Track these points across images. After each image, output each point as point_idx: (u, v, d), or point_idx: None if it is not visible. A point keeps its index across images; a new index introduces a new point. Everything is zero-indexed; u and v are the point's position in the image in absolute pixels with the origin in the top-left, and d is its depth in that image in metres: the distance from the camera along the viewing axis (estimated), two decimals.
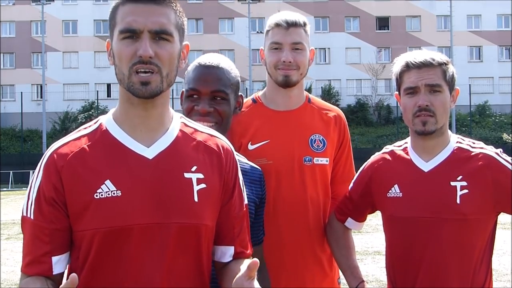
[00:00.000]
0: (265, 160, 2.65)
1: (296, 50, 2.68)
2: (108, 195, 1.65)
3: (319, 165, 2.73)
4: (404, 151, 2.45)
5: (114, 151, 1.70)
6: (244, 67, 45.37)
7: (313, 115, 2.81)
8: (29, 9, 50.32)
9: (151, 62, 1.65)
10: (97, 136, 1.73)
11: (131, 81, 1.67)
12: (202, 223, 1.72)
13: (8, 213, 17.64)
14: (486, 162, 2.30)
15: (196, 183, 1.72)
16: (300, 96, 2.82)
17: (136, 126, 1.73)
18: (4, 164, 38.13)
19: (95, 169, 1.68)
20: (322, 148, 2.75)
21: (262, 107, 2.79)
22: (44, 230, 1.68)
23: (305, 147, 2.73)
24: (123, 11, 1.69)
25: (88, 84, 51.34)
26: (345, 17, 53.45)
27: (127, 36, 1.67)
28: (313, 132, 2.76)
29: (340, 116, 2.88)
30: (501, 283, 7.55)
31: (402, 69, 2.35)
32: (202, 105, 2.18)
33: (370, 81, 51.28)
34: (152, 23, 1.66)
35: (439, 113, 2.29)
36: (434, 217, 2.27)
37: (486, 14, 52.79)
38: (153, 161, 1.70)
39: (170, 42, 1.70)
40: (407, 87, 2.32)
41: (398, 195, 2.37)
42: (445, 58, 2.35)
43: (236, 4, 49.46)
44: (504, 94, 51.44)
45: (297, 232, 2.68)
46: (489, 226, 2.33)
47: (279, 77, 2.69)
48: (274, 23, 2.71)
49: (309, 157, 2.72)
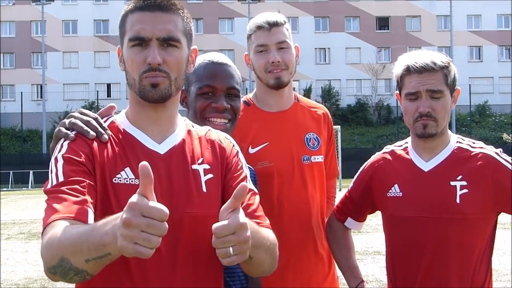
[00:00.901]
0: (267, 163, 2.67)
1: (282, 49, 2.69)
2: (126, 181, 1.70)
3: (316, 163, 2.77)
4: (405, 151, 2.45)
5: (129, 145, 1.77)
6: (244, 67, 45.18)
7: (304, 114, 2.84)
8: (29, 9, 50.33)
9: (160, 69, 1.72)
10: (112, 131, 1.79)
11: (142, 84, 1.73)
12: (211, 213, 1.73)
13: (8, 213, 17.65)
14: (486, 161, 2.30)
15: (203, 173, 1.79)
16: (290, 95, 2.84)
17: (147, 126, 1.80)
18: (4, 164, 38.12)
19: (114, 156, 1.73)
20: (317, 146, 2.79)
21: (256, 109, 2.80)
22: (80, 183, 1.63)
23: (302, 146, 2.75)
24: (132, 19, 1.76)
25: (88, 84, 51.35)
26: (345, 17, 53.44)
27: (136, 43, 1.73)
28: (307, 131, 2.80)
29: (327, 114, 2.94)
30: (501, 283, 7.55)
31: (403, 73, 2.33)
32: (220, 101, 2.19)
33: (370, 81, 51.30)
34: (159, 30, 1.72)
35: (441, 117, 2.29)
36: (434, 216, 2.27)
37: (486, 14, 52.80)
38: (164, 156, 1.77)
39: (178, 48, 1.76)
40: (408, 92, 2.31)
41: (398, 195, 2.37)
42: (446, 60, 2.32)
43: (236, 4, 49.46)
44: (504, 94, 51.45)
45: (301, 231, 2.70)
46: (489, 226, 2.33)
47: (270, 80, 2.70)
48: (255, 26, 2.70)
49: (307, 156, 2.75)
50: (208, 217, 1.71)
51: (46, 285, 7.91)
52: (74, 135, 1.74)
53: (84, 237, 1.44)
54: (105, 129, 1.78)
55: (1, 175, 35.62)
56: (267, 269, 1.82)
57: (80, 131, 1.75)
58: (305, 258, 2.72)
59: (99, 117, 1.81)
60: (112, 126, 1.81)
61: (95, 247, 1.42)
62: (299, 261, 2.70)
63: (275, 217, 2.52)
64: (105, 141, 1.75)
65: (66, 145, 1.72)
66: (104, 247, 1.41)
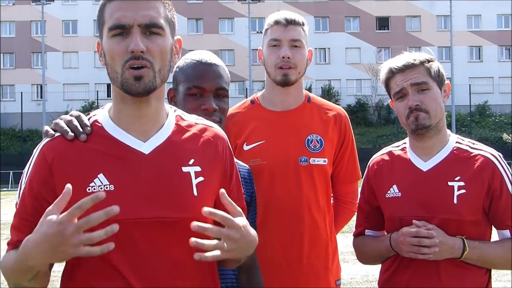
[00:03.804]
0: (259, 161, 2.66)
1: (295, 47, 2.68)
2: (100, 189, 1.62)
3: (316, 165, 2.71)
4: (403, 151, 2.44)
5: (109, 146, 1.68)
6: (244, 67, 45.37)
7: (312, 115, 2.80)
8: (29, 9, 50.30)
9: (143, 58, 1.62)
10: (91, 132, 1.71)
11: (125, 77, 1.64)
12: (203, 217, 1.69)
13: (8, 213, 17.63)
14: (484, 164, 2.29)
15: (194, 176, 1.70)
16: (298, 95, 2.82)
17: (131, 124, 1.71)
18: (4, 164, 38.08)
19: (87, 163, 1.65)
20: (320, 149, 2.74)
21: (259, 108, 2.80)
22: (24, 222, 1.68)
23: (301, 147, 2.72)
24: (110, 8, 1.66)
25: (88, 84, 51.34)
26: (345, 17, 53.42)
27: (117, 33, 1.64)
28: (310, 132, 2.75)
29: (340, 115, 2.85)
30: (501, 283, 7.55)
31: (387, 76, 2.36)
32: (208, 103, 2.17)
33: (370, 81, 51.24)
34: (141, 16, 1.63)
35: (432, 109, 2.28)
36: (431, 216, 2.26)
37: (486, 14, 52.76)
38: (150, 156, 1.68)
39: (162, 36, 1.67)
40: (395, 92, 2.33)
41: (397, 195, 2.36)
42: (428, 56, 2.34)
43: (236, 4, 49.41)
44: (504, 94, 51.41)
45: (289, 232, 2.66)
46: (486, 226, 2.33)
47: (277, 76, 2.70)
48: (273, 21, 2.72)
49: (305, 158, 2.71)
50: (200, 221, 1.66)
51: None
52: (53, 133, 1.73)
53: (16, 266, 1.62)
54: (85, 126, 1.71)
55: (1, 175, 35.60)
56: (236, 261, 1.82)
57: (60, 131, 1.72)
58: (292, 261, 2.67)
59: (82, 115, 1.76)
60: (94, 125, 1.73)
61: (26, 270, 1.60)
62: (286, 262, 2.66)
63: (261, 214, 2.50)
64: (84, 140, 1.68)
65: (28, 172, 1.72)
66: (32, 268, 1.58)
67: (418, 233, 2.17)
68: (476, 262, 2.25)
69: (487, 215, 2.31)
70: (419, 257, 2.19)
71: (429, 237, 2.16)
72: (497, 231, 2.34)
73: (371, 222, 2.51)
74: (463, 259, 2.22)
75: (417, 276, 2.28)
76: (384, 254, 2.40)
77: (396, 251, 2.30)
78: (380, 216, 2.47)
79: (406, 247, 2.20)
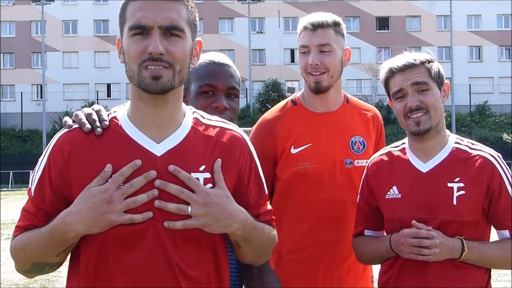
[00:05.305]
0: (307, 164, 2.63)
1: (323, 52, 2.64)
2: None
3: (359, 167, 2.68)
4: (402, 151, 2.44)
5: (123, 145, 1.68)
6: (244, 67, 45.31)
7: (353, 116, 2.78)
8: (29, 9, 50.32)
9: (162, 59, 1.62)
10: (108, 128, 1.71)
11: (142, 76, 1.64)
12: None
13: (8, 213, 17.64)
14: (483, 165, 2.29)
15: (203, 183, 1.68)
16: (337, 97, 2.78)
17: (147, 123, 1.70)
18: (4, 164, 38.11)
19: (100, 159, 1.65)
20: (362, 150, 2.73)
21: (302, 109, 2.75)
22: (40, 211, 1.70)
23: (346, 149, 2.70)
24: (133, 7, 1.66)
25: (88, 84, 51.32)
26: (345, 17, 53.39)
27: (137, 32, 1.64)
28: (353, 134, 2.74)
29: (377, 116, 2.88)
30: (501, 283, 7.55)
31: (387, 76, 2.35)
32: (220, 101, 2.18)
33: (370, 81, 51.25)
34: (162, 18, 1.63)
35: (432, 109, 2.28)
36: (431, 218, 2.26)
37: (486, 14, 52.77)
38: (161, 158, 1.66)
39: (182, 38, 1.66)
40: (394, 91, 2.32)
41: (397, 196, 2.35)
42: (428, 57, 2.33)
43: (236, 4, 49.44)
44: (504, 94, 51.41)
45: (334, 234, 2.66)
46: (486, 227, 2.33)
47: (311, 84, 2.67)
48: (302, 26, 2.71)
49: (350, 160, 2.70)
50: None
51: (46, 285, 7.90)
52: (71, 124, 1.74)
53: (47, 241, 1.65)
54: (103, 121, 1.71)
55: (1, 175, 35.61)
56: (254, 260, 1.89)
57: (78, 123, 1.73)
58: (336, 261, 2.67)
59: (103, 109, 1.77)
60: (112, 121, 1.73)
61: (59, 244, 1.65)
62: (330, 265, 2.66)
63: (306, 215, 2.54)
64: (99, 134, 1.68)
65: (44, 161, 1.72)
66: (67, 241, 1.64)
67: (419, 234, 2.17)
68: (475, 263, 2.25)
69: (486, 216, 2.30)
70: (419, 258, 2.18)
71: (430, 237, 2.16)
72: (497, 231, 2.34)
73: (371, 222, 2.51)
74: (462, 260, 2.22)
75: (417, 277, 2.28)
76: (384, 255, 2.39)
77: (396, 252, 2.30)
78: (379, 216, 2.46)
79: (406, 248, 2.20)
